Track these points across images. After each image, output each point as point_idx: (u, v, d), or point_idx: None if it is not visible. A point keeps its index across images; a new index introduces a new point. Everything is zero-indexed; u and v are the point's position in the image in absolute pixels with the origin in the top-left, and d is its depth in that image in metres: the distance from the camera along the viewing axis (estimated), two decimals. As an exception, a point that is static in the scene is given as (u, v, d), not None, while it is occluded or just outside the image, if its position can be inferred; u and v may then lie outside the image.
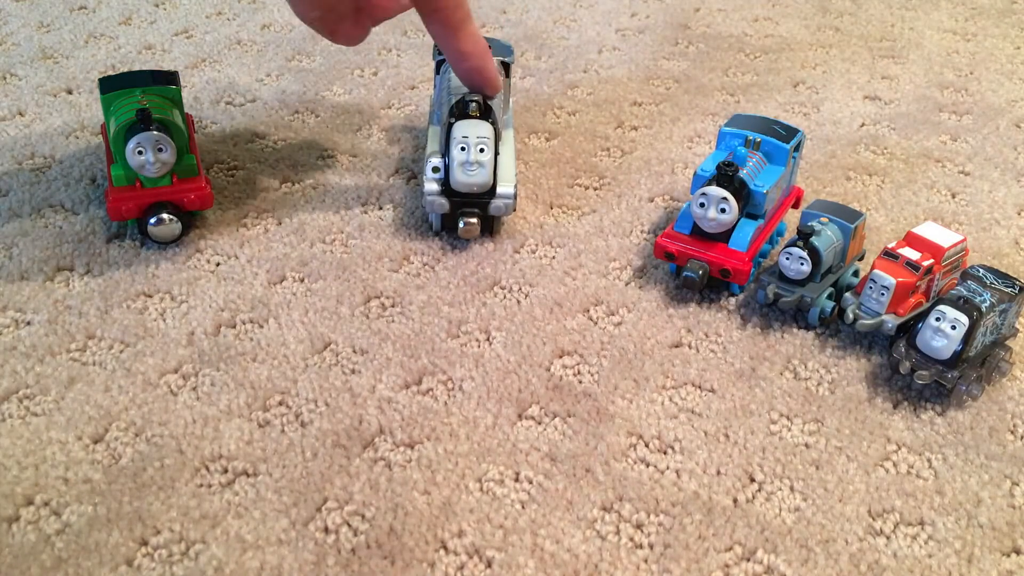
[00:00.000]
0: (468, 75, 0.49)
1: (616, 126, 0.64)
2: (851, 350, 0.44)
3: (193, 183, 0.49)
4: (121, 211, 0.48)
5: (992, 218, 0.56)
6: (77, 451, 0.38)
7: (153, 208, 0.48)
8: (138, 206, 0.48)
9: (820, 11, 0.86)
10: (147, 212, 0.48)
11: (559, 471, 0.38)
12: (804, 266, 0.44)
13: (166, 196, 0.48)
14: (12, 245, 0.49)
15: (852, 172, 0.60)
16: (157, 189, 0.48)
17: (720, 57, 0.76)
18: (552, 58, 0.74)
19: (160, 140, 0.47)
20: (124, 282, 0.47)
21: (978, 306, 0.40)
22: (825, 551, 0.35)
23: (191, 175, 0.49)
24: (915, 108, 0.69)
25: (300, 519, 0.35)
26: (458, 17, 0.46)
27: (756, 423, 0.40)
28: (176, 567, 0.33)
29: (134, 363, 0.42)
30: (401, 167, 0.58)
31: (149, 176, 0.48)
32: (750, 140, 0.49)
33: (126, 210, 0.48)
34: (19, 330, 0.44)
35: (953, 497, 0.37)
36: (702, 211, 0.46)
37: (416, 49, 0.75)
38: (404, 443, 0.39)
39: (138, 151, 0.46)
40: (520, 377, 0.42)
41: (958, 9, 0.88)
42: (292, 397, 0.41)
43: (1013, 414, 0.41)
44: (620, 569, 0.34)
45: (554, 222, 0.54)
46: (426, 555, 0.34)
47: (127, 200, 0.48)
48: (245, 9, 0.80)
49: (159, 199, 0.48)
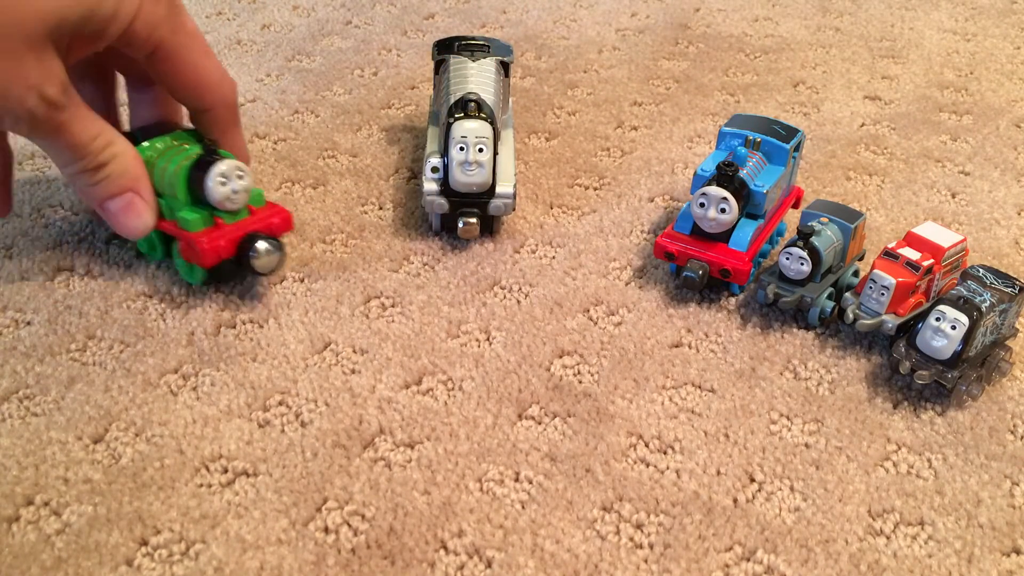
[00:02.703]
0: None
1: (616, 126, 0.64)
2: (851, 350, 0.45)
3: (270, 208, 0.46)
4: (219, 252, 0.44)
5: (992, 218, 0.56)
6: (77, 451, 0.38)
7: (246, 240, 0.44)
8: (232, 242, 0.44)
9: (820, 11, 0.86)
10: (240, 247, 0.44)
11: (559, 471, 0.38)
12: (804, 266, 0.44)
13: (255, 226, 0.45)
14: (12, 245, 0.49)
15: (852, 172, 0.60)
16: (243, 221, 0.45)
17: (720, 57, 0.76)
18: (552, 58, 0.74)
19: (240, 167, 0.44)
20: (124, 282, 0.47)
21: (978, 306, 0.40)
22: (825, 551, 0.35)
23: (259, 202, 0.46)
24: (915, 108, 0.69)
25: (300, 519, 0.35)
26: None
27: (756, 423, 0.40)
28: (176, 567, 0.33)
29: (134, 363, 0.42)
30: (401, 167, 0.58)
31: (233, 208, 0.44)
32: (750, 140, 0.49)
33: (223, 248, 0.44)
34: (19, 330, 0.44)
35: (953, 497, 0.37)
36: (702, 211, 0.46)
37: (416, 49, 0.75)
38: (404, 443, 0.39)
39: (221, 182, 0.43)
40: (520, 377, 0.42)
41: (958, 9, 0.88)
42: (292, 397, 0.41)
43: (1013, 414, 0.41)
44: (620, 569, 0.34)
45: (554, 222, 0.54)
46: (426, 555, 0.34)
47: (218, 239, 0.43)
48: (245, 9, 0.80)
49: (249, 230, 0.44)
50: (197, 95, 0.45)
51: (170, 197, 0.44)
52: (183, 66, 0.44)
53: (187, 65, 0.44)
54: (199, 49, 0.44)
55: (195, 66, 0.44)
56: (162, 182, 0.44)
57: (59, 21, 0.37)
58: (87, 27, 0.39)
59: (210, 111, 0.46)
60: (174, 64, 0.43)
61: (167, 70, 0.44)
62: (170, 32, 0.42)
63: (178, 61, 0.43)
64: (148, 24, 0.41)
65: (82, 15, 0.38)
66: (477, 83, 0.51)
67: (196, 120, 0.47)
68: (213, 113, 0.46)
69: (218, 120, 0.47)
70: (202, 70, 0.44)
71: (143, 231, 0.44)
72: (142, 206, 0.43)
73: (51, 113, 0.38)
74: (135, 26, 0.40)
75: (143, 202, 0.43)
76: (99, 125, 0.41)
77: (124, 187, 0.43)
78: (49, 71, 0.38)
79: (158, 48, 0.42)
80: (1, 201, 0.46)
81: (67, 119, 0.39)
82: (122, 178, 0.42)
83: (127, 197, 0.43)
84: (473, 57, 0.53)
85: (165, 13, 0.42)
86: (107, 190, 0.42)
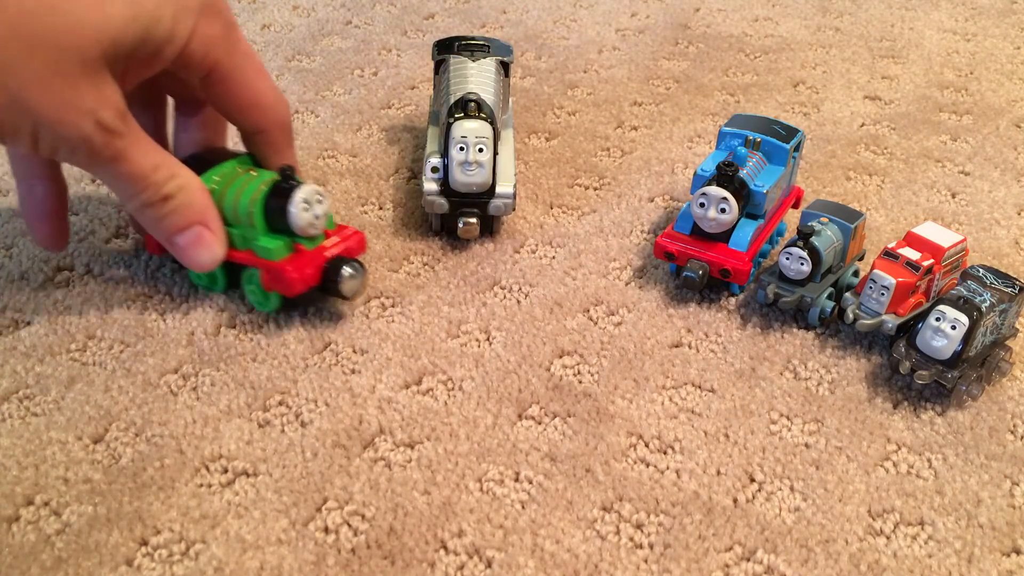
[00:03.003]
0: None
1: (616, 126, 0.64)
2: (851, 350, 0.45)
3: (342, 230, 0.45)
4: (306, 280, 0.43)
5: (992, 218, 0.56)
6: (77, 451, 0.38)
7: (330, 266, 0.43)
8: (317, 269, 0.43)
9: (820, 11, 0.86)
10: (324, 273, 0.43)
11: (559, 471, 0.38)
12: (804, 266, 0.44)
13: (336, 250, 0.44)
14: (12, 245, 0.49)
15: (852, 172, 0.60)
16: (323, 246, 0.44)
17: (720, 57, 0.76)
18: (552, 58, 0.74)
19: (319, 191, 0.43)
20: (124, 282, 0.47)
21: (978, 306, 0.40)
22: (825, 551, 0.35)
23: (330, 225, 0.45)
24: (915, 108, 0.69)
25: (300, 519, 0.35)
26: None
27: (756, 423, 0.40)
28: (176, 567, 0.33)
29: (134, 363, 0.42)
30: (401, 167, 0.58)
31: (315, 233, 0.43)
32: (750, 140, 0.49)
33: (310, 276, 0.43)
34: (19, 330, 0.44)
35: (953, 497, 0.37)
36: (702, 211, 0.46)
37: (416, 49, 0.75)
38: (404, 443, 0.39)
39: (304, 208, 0.42)
40: (520, 377, 0.42)
41: (958, 9, 0.88)
42: (292, 397, 0.41)
43: (1013, 414, 0.41)
44: (620, 569, 0.34)
45: (554, 222, 0.54)
46: (426, 555, 0.34)
47: (304, 266, 0.42)
48: (245, 9, 0.80)
49: (331, 255, 0.44)
50: (253, 117, 0.44)
51: (245, 226, 0.43)
52: (239, 87, 0.42)
53: (243, 86, 0.42)
54: (254, 69, 0.43)
55: (251, 87, 0.43)
56: (234, 211, 0.43)
57: (114, 44, 0.35)
58: (143, 49, 0.37)
59: (265, 133, 0.44)
60: (229, 85, 0.42)
61: (222, 92, 0.42)
62: (226, 53, 0.41)
63: (234, 82, 0.42)
64: (204, 44, 0.39)
65: (137, 36, 0.36)
66: (477, 83, 0.51)
67: (249, 142, 0.46)
68: (268, 135, 0.45)
69: (273, 142, 0.45)
70: (258, 91, 0.43)
71: (213, 264, 0.42)
72: (211, 238, 0.42)
73: (108, 140, 0.37)
74: (191, 46, 0.39)
75: (212, 234, 0.42)
76: (160, 154, 0.39)
77: (191, 220, 0.41)
78: (105, 96, 0.36)
79: (214, 69, 0.41)
80: (57, 234, 0.45)
81: (125, 147, 0.37)
82: (189, 211, 0.41)
83: (195, 230, 0.41)
84: (473, 57, 0.53)
85: (221, 33, 0.40)
86: (175, 224, 0.41)
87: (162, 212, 0.40)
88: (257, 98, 0.43)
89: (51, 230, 0.44)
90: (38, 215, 0.44)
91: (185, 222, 0.41)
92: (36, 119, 0.35)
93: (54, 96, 0.35)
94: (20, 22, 0.33)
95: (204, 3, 0.39)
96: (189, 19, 0.38)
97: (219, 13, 0.40)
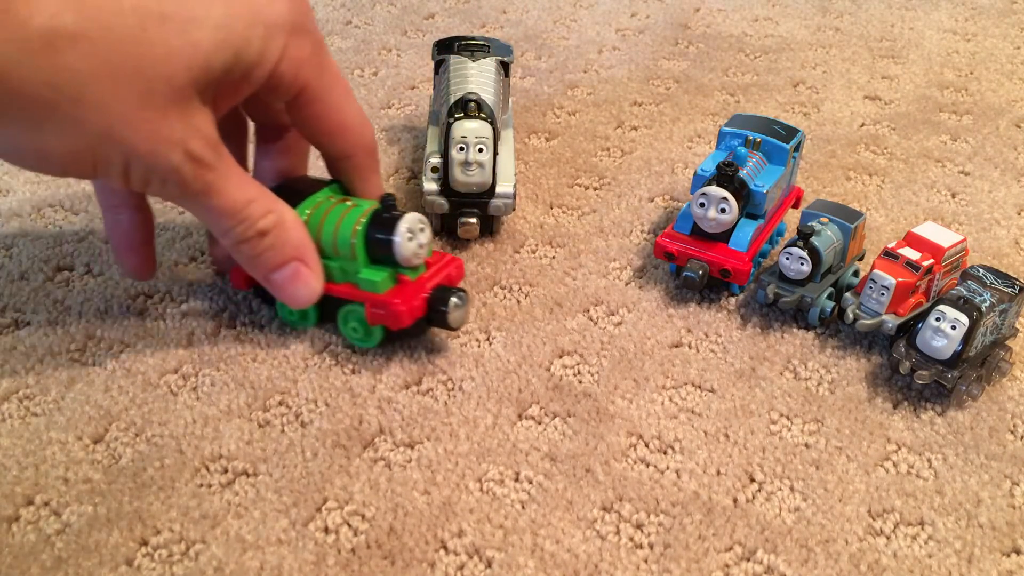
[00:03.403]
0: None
1: (616, 126, 0.64)
2: (851, 350, 0.45)
3: (441, 257, 0.44)
4: (414, 312, 0.41)
5: (992, 218, 0.56)
6: (77, 451, 0.38)
7: (434, 296, 0.42)
8: (423, 300, 0.41)
9: (820, 11, 0.86)
10: (428, 304, 0.42)
11: (559, 471, 0.38)
12: (804, 266, 0.44)
13: (438, 279, 0.42)
14: (12, 245, 0.49)
15: (852, 172, 0.60)
16: (425, 276, 0.42)
17: (720, 57, 0.76)
18: (552, 58, 0.74)
19: (421, 219, 0.41)
20: (124, 282, 0.47)
21: (978, 306, 0.40)
22: (825, 551, 0.35)
23: (427, 252, 0.43)
24: (915, 108, 0.69)
25: (300, 519, 0.35)
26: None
27: (756, 423, 0.40)
28: (176, 567, 0.33)
29: (134, 363, 0.42)
30: (401, 167, 0.58)
31: (418, 263, 0.42)
32: (750, 140, 0.49)
33: (417, 308, 0.41)
34: (19, 330, 0.44)
35: (953, 497, 0.37)
36: (702, 211, 0.46)
37: (416, 49, 0.75)
38: (404, 443, 0.39)
39: (409, 237, 0.40)
40: (520, 377, 0.42)
41: (958, 9, 0.88)
42: (292, 397, 0.41)
43: (1013, 414, 0.41)
44: (620, 569, 0.34)
45: (554, 222, 0.54)
46: (426, 555, 0.34)
47: (411, 298, 0.41)
48: (245, 9, 0.80)
49: (434, 284, 0.42)
50: (340, 141, 0.42)
51: (344, 259, 0.41)
52: (328, 110, 0.40)
53: (332, 109, 0.40)
54: (343, 91, 0.41)
55: (339, 109, 0.41)
56: (333, 244, 0.41)
57: (204, 70, 0.34)
58: (233, 73, 0.35)
59: (352, 158, 0.43)
60: (318, 108, 0.40)
61: (310, 115, 0.40)
62: (316, 74, 0.39)
63: (323, 105, 0.40)
64: (294, 65, 0.37)
65: (228, 61, 0.35)
66: (477, 83, 0.51)
67: (334, 168, 0.44)
68: (354, 160, 0.43)
69: (359, 167, 0.43)
70: (346, 114, 0.41)
71: (311, 301, 0.41)
72: (309, 274, 0.40)
73: (198, 172, 0.35)
74: (281, 68, 0.37)
75: (309, 270, 0.40)
76: (254, 187, 0.38)
77: (289, 257, 0.39)
78: (194, 125, 0.34)
79: (303, 91, 0.39)
80: (145, 264, 0.43)
81: (215, 179, 0.36)
82: (286, 247, 0.39)
83: (292, 266, 0.39)
84: (473, 57, 0.53)
85: (310, 53, 0.38)
86: (271, 261, 0.39)
87: (258, 249, 0.38)
88: (345, 121, 0.41)
89: (139, 261, 0.43)
90: (126, 246, 0.43)
91: (282, 259, 0.39)
92: (128, 152, 0.33)
93: (145, 128, 0.33)
94: (110, 54, 0.32)
95: (294, 23, 0.37)
96: (279, 39, 0.36)
97: (309, 33, 0.38)
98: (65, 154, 0.33)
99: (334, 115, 0.41)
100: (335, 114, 0.41)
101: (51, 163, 0.34)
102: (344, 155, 0.43)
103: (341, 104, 0.41)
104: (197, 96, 0.34)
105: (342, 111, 0.41)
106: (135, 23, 0.32)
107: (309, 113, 0.40)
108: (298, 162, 0.46)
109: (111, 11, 0.32)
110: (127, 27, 0.32)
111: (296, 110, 0.40)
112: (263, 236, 0.38)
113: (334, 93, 0.40)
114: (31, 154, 0.34)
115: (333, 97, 0.40)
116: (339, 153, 0.43)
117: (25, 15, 0.30)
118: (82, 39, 0.31)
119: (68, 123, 0.32)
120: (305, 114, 0.40)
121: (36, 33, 0.30)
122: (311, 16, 0.38)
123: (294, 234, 0.39)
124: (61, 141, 0.33)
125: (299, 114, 0.40)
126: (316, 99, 0.40)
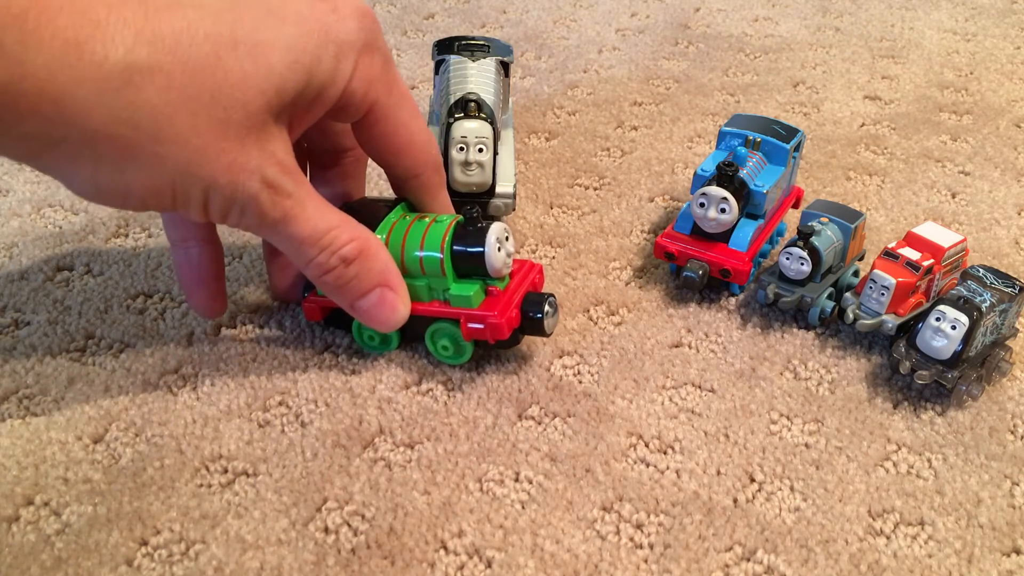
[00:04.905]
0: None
1: (616, 126, 0.64)
2: (851, 350, 0.45)
3: (521, 264, 0.43)
4: (512, 324, 0.40)
5: (992, 218, 0.56)
6: (77, 451, 0.38)
7: (531, 303, 0.41)
8: (517, 310, 0.41)
9: (820, 11, 0.86)
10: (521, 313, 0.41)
11: (559, 471, 0.38)
12: (804, 266, 0.44)
13: (525, 287, 0.42)
14: (12, 245, 0.49)
15: (852, 172, 0.60)
16: (511, 286, 0.41)
17: (720, 57, 0.76)
18: (552, 58, 0.74)
19: (505, 228, 0.41)
20: (124, 282, 0.47)
21: (978, 306, 0.40)
22: (825, 551, 0.35)
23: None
24: (915, 108, 0.69)
25: (300, 519, 0.35)
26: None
27: (756, 423, 0.40)
28: (176, 567, 0.33)
29: (134, 363, 0.42)
30: (401, 167, 0.58)
31: (507, 273, 0.41)
32: (750, 140, 0.49)
33: (514, 319, 0.40)
34: (19, 330, 0.44)
35: (953, 497, 0.37)
36: (702, 211, 0.46)
37: (416, 49, 0.75)
38: (404, 443, 0.39)
39: (497, 247, 0.40)
40: (520, 377, 0.42)
41: (958, 9, 0.88)
42: (292, 397, 0.41)
43: (1013, 414, 0.41)
44: (620, 569, 0.34)
45: (554, 222, 0.54)
46: (426, 555, 0.34)
47: (506, 310, 0.40)
48: (245, 9, 0.80)
49: (523, 293, 0.41)
50: (408, 159, 0.41)
51: (430, 276, 0.40)
52: (397, 128, 0.39)
53: (400, 126, 0.39)
54: (410, 108, 0.40)
55: (407, 127, 0.39)
56: (418, 262, 0.40)
57: (278, 94, 0.33)
58: (306, 94, 0.35)
59: (420, 176, 0.41)
60: (386, 126, 0.39)
61: (378, 133, 0.39)
62: (386, 91, 0.38)
63: (391, 123, 0.39)
64: (364, 83, 0.36)
65: (300, 83, 0.34)
66: (477, 83, 0.51)
67: (401, 187, 0.43)
68: (422, 178, 0.42)
69: (428, 185, 0.42)
70: (414, 131, 0.40)
71: (398, 325, 0.40)
72: (395, 299, 0.39)
73: (276, 200, 0.34)
74: (352, 86, 0.36)
75: (395, 294, 0.39)
76: (335, 214, 0.37)
77: (375, 283, 0.38)
78: (269, 151, 0.34)
79: (372, 109, 0.38)
80: (215, 299, 0.42)
81: (294, 206, 0.35)
82: (371, 273, 0.38)
83: (378, 292, 0.39)
84: (473, 57, 0.53)
85: (381, 70, 0.37)
86: (358, 289, 0.38)
87: (345, 278, 0.38)
88: (413, 138, 0.40)
89: (209, 296, 0.42)
90: (196, 281, 0.41)
91: (368, 286, 0.38)
92: (208, 185, 0.33)
93: (224, 159, 0.32)
94: (186, 86, 0.31)
95: (364, 40, 0.36)
96: (351, 57, 0.35)
97: (378, 49, 0.37)
98: (146, 190, 0.32)
99: (403, 133, 0.40)
100: (403, 132, 0.40)
101: (131, 200, 0.33)
102: (412, 173, 0.42)
103: (408, 121, 0.40)
104: (272, 120, 0.34)
105: (410, 128, 0.40)
106: (209, 51, 0.31)
107: (377, 132, 0.39)
108: (356, 187, 0.45)
109: (187, 42, 0.31)
110: (202, 56, 0.31)
111: (364, 129, 0.39)
112: (348, 264, 0.37)
113: (403, 111, 0.39)
114: (111, 192, 0.33)
115: (402, 115, 0.39)
116: (407, 172, 0.41)
117: (101, 53, 0.29)
118: (158, 72, 0.30)
119: (149, 160, 0.31)
120: (373, 133, 0.39)
121: (114, 71, 0.29)
122: (379, 32, 0.37)
123: (379, 259, 0.38)
124: (141, 178, 0.32)
125: (367, 133, 0.39)
126: (385, 117, 0.38)
